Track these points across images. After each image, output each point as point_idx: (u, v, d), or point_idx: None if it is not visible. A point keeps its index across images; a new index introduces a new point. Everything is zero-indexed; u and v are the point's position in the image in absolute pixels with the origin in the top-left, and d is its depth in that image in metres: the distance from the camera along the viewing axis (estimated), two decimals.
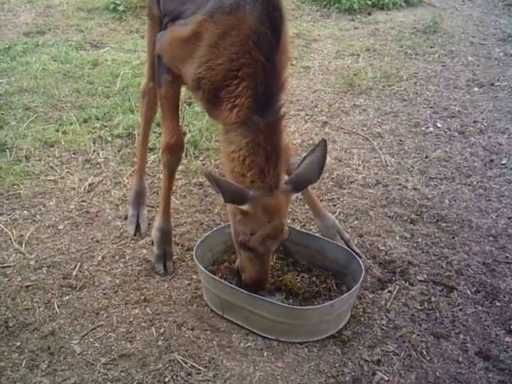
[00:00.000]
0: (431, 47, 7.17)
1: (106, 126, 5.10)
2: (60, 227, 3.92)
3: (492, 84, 6.19)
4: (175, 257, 3.66)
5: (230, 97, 2.97)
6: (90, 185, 4.35)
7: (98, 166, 4.59)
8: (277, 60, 2.95)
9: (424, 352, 3.05)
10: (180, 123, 4.58)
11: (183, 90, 3.69)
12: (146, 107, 3.98)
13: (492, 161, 4.82)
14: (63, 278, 3.48)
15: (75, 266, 3.57)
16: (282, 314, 3.04)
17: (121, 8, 7.97)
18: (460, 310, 3.33)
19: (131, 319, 3.21)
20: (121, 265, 3.62)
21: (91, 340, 3.07)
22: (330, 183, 4.42)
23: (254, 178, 2.93)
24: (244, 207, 2.90)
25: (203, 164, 4.63)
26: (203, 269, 3.23)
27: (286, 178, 3.10)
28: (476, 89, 6.11)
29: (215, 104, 3.09)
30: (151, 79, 3.91)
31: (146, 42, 3.94)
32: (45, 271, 3.54)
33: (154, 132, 4.77)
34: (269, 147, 2.93)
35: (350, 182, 4.47)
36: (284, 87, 3.02)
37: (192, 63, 3.07)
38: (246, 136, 2.94)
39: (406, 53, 6.94)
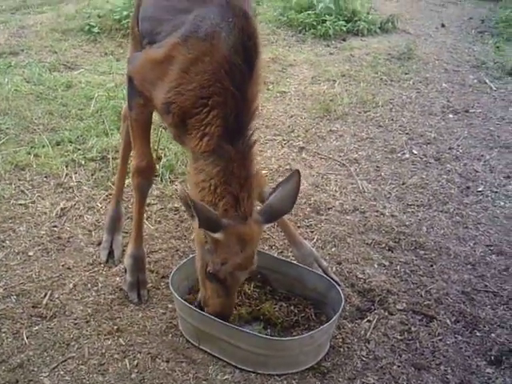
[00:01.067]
0: (406, 74, 7.20)
1: (79, 149, 5.00)
2: (30, 253, 3.80)
3: (466, 111, 6.23)
4: (150, 285, 3.56)
5: (200, 125, 2.91)
6: (62, 209, 4.24)
7: (71, 190, 4.48)
8: (248, 90, 2.91)
9: None
10: (155, 147, 4.54)
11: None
12: (126, 131, 3.88)
13: (468, 188, 4.81)
14: (33, 307, 3.36)
15: (45, 295, 3.45)
16: (261, 345, 2.96)
17: (96, 30, 7.91)
18: (440, 340, 3.28)
19: (103, 351, 3.10)
20: (93, 293, 3.50)
21: (61, 373, 2.95)
22: (308, 209, 4.37)
23: (228, 207, 2.85)
24: (217, 235, 2.80)
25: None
26: (179, 298, 3.14)
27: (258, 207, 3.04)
28: (451, 115, 6.14)
29: (184, 130, 3.03)
30: None
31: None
32: (13, 300, 3.41)
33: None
34: (241, 175, 2.88)
35: (328, 209, 4.42)
36: (254, 116, 2.98)
37: (162, 87, 3.01)
38: (217, 165, 2.87)
39: (382, 79, 6.96)
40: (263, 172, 4.50)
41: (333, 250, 3.98)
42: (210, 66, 2.86)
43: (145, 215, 4.02)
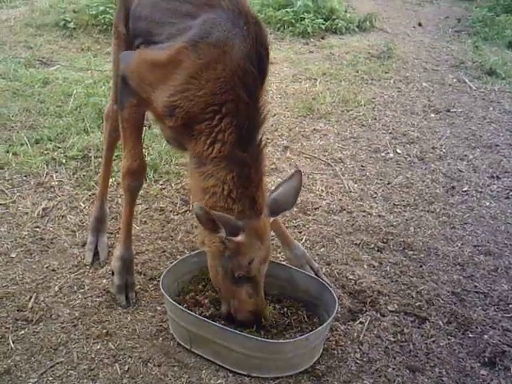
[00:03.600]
0: (386, 72, 7.22)
1: (59, 148, 4.87)
2: (13, 255, 3.67)
3: (448, 110, 6.26)
4: (137, 287, 3.47)
5: (211, 131, 2.88)
6: (43, 209, 4.12)
7: (52, 189, 4.37)
8: (260, 96, 2.92)
9: None
10: None
11: None
12: (109, 130, 3.79)
13: (453, 188, 4.82)
14: (18, 311, 3.24)
15: (30, 298, 3.33)
16: (256, 347, 2.90)
17: (71, 25, 7.79)
18: (433, 341, 3.26)
19: (93, 355, 3.00)
20: (79, 296, 3.40)
21: (50, 379, 2.85)
22: (295, 209, 4.31)
23: (244, 208, 2.87)
24: (239, 238, 2.84)
25: (163, 188, 4.47)
26: (171, 300, 3.06)
27: None
28: (432, 115, 6.16)
29: (185, 134, 2.99)
30: (116, 101, 3.71)
31: (112, 62, 3.76)
32: None
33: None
34: (256, 178, 2.90)
35: (315, 209, 4.38)
36: (264, 121, 2.97)
37: (165, 90, 2.93)
38: (231, 170, 2.86)
39: (363, 78, 6.96)
40: None
41: (321, 250, 3.94)
42: (223, 73, 2.82)
43: None
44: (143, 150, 4.53)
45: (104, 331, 3.14)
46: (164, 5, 3.14)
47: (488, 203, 4.63)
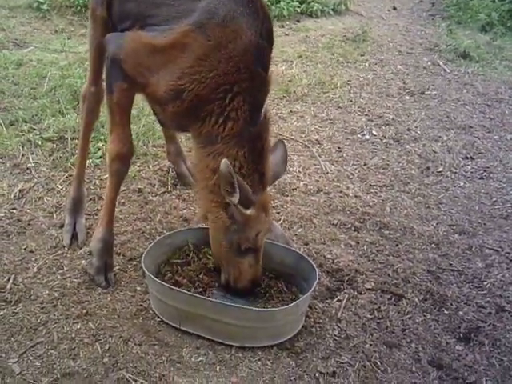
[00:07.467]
0: (361, 55, 7.26)
1: (34, 129, 4.83)
2: None
3: (422, 93, 6.32)
4: (117, 267, 3.47)
5: (223, 110, 2.91)
6: (20, 191, 4.09)
7: (29, 171, 4.33)
8: (269, 69, 2.99)
9: (378, 362, 3.00)
10: None
11: None
12: (86, 112, 3.74)
13: (428, 168, 4.89)
14: None
15: (9, 279, 3.32)
16: (249, 317, 2.98)
17: (45, 7, 7.67)
18: (409, 318, 3.32)
19: (73, 335, 3.00)
20: (58, 276, 3.39)
21: (31, 358, 2.85)
22: (273, 190, 4.34)
23: (254, 183, 2.96)
24: (249, 211, 2.95)
25: (141, 170, 4.46)
26: (159, 281, 3.09)
27: None
28: (407, 97, 6.22)
29: (191, 116, 2.99)
30: (93, 84, 3.67)
31: (89, 46, 3.68)
32: None
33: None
34: (263, 152, 2.99)
35: (293, 189, 4.42)
36: (269, 92, 3.05)
37: (168, 74, 2.93)
38: (243, 146, 2.93)
39: (338, 60, 7.00)
40: None
41: (299, 230, 3.98)
42: (234, 52, 2.84)
43: None
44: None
45: (84, 311, 3.15)
46: None
47: (462, 183, 4.71)
